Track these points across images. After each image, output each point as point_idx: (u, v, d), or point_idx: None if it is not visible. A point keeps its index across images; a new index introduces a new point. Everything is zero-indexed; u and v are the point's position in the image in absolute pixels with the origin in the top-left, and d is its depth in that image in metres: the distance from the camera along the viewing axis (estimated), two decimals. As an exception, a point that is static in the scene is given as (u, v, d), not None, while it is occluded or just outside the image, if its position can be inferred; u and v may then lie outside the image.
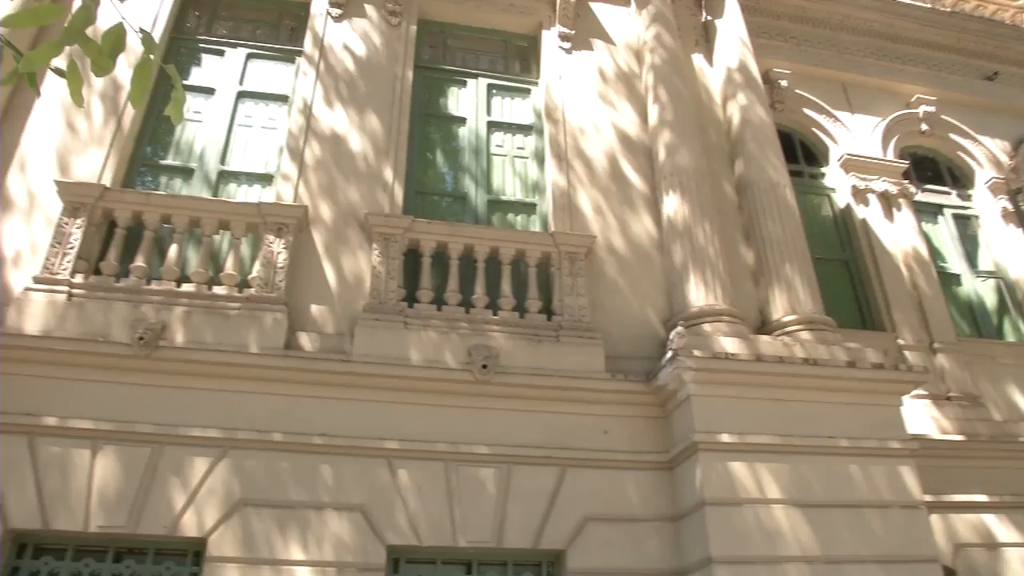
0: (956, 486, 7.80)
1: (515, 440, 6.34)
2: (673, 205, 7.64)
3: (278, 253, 6.73)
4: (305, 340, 6.52)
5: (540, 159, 8.28)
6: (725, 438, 6.18)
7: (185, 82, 7.80)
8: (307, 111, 7.77)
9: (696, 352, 6.33)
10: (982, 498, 7.85)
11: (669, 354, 6.40)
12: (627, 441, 6.56)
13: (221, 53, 8.32)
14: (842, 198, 9.87)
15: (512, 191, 8.13)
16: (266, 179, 7.57)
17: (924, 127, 10.92)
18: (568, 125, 8.31)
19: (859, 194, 9.79)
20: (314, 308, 6.75)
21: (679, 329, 6.51)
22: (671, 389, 6.48)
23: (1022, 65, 12.18)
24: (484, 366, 6.42)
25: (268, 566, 5.60)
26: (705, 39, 9.82)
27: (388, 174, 7.54)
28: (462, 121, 8.45)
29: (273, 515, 5.77)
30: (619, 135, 8.42)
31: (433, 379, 6.40)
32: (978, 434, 8.26)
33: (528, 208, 8.02)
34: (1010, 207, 10.49)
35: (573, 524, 6.17)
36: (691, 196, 7.57)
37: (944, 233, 10.39)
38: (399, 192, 7.48)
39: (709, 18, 9.81)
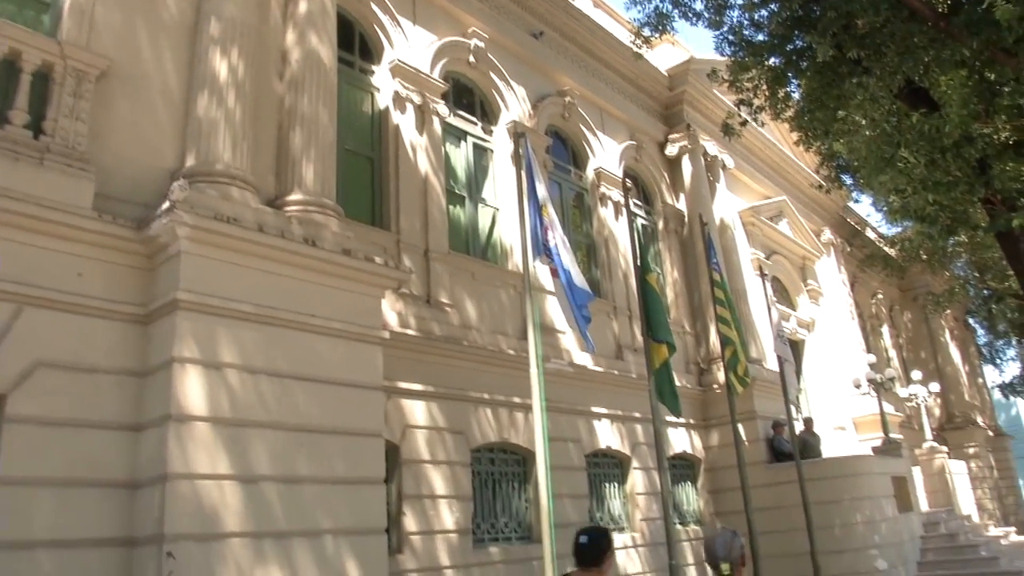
0: (415, 376, 8.88)
1: (-37, 266, 5.48)
2: (210, 52, 7.10)
3: None
4: None
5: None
6: (209, 300, 6.12)
7: None
8: None
9: (197, 209, 6.10)
10: (432, 388, 9.06)
11: (166, 205, 6.06)
12: (103, 288, 6.10)
13: None
14: (384, 100, 10.28)
15: (24, -19, 6.82)
16: None
17: (472, 59, 11.87)
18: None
19: (399, 101, 10.29)
20: None
21: (182, 182, 6.19)
22: (162, 242, 6.16)
23: (563, 34, 13.92)
24: (-64, 173, 5.39)
25: None
26: None
27: None
28: None
29: None
30: (170, -42, 7.52)
31: None
32: (444, 335, 9.48)
33: (41, 7, 6.79)
34: (515, 151, 12.00)
35: (21, 368, 5.59)
36: (232, 48, 7.11)
37: (463, 158, 11.51)
38: None
39: None
